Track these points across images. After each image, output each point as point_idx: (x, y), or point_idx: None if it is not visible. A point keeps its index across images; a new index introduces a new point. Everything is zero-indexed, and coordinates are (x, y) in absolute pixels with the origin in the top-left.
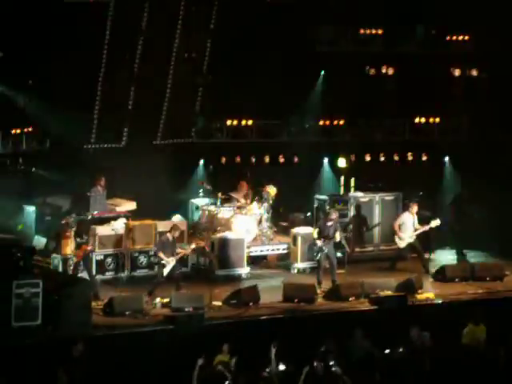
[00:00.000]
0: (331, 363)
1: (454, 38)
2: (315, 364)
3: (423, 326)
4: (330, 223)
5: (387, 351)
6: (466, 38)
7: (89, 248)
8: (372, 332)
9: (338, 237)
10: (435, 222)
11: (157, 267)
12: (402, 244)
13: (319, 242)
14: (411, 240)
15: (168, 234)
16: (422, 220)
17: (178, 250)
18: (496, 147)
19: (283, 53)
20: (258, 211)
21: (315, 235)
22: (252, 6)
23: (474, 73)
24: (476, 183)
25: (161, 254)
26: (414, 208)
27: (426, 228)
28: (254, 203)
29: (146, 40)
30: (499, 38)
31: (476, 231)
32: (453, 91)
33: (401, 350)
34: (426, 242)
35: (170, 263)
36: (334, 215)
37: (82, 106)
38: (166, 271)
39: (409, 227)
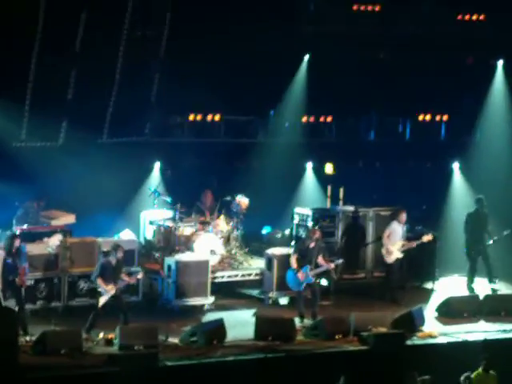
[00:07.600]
0: None
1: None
2: None
3: (423, 370)
4: (312, 245)
5: None
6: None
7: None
8: (362, 378)
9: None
10: (427, 237)
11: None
12: (389, 259)
13: (307, 272)
14: (399, 255)
15: (110, 256)
16: (414, 236)
17: (123, 277)
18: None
19: (259, 33)
20: (225, 228)
21: (294, 263)
22: None
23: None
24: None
25: (99, 280)
26: (403, 216)
27: (414, 244)
28: (221, 218)
29: (91, 14)
30: None
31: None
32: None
33: None
34: (431, 268)
35: (108, 292)
36: (318, 234)
37: (11, 95)
38: (101, 301)
39: (399, 238)
